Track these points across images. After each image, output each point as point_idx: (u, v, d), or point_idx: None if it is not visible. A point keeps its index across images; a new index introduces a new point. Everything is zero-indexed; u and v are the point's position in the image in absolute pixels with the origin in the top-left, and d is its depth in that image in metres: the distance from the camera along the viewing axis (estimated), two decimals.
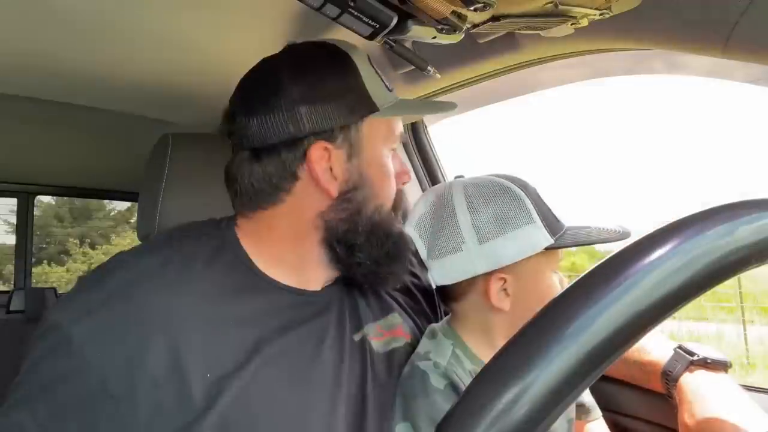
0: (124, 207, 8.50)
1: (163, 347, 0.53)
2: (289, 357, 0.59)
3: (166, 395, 0.51)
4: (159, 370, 0.52)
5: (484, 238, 0.64)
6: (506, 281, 0.65)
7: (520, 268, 0.65)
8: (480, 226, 0.64)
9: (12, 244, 2.18)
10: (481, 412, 0.27)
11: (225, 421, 0.52)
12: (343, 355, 0.64)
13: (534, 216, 0.64)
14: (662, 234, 0.30)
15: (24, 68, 0.88)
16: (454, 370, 0.63)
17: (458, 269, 0.65)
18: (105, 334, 0.52)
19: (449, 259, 0.66)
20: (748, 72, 0.71)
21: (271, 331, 0.59)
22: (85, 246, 9.13)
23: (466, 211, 0.65)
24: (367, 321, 0.70)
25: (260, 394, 0.55)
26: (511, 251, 0.63)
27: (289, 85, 0.62)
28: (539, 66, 0.91)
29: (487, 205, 0.65)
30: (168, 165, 0.86)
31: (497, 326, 0.67)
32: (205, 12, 0.76)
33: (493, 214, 0.64)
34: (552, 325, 0.29)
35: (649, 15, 0.63)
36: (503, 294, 0.65)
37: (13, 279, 2.05)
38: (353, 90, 0.64)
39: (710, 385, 0.64)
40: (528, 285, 0.65)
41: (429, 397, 0.61)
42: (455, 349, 0.66)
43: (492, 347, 0.67)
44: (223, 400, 0.52)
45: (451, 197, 0.68)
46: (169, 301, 0.56)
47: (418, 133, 1.25)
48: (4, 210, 4.92)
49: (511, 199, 0.65)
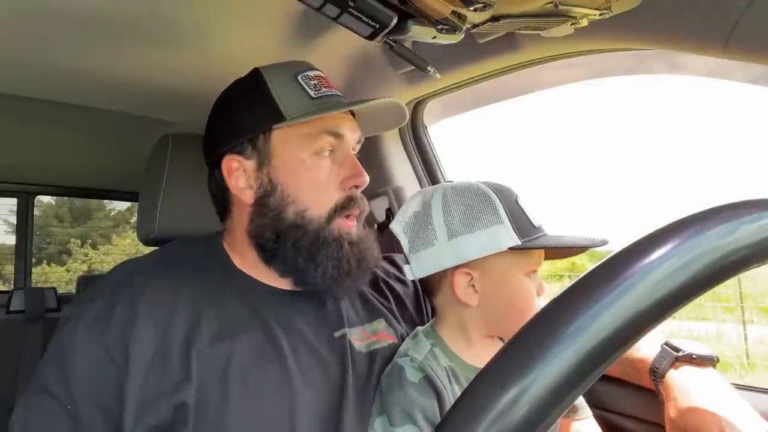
0: (124, 207, 8.49)
1: (151, 327, 0.61)
2: (263, 344, 0.65)
3: (154, 364, 0.59)
4: (147, 344, 0.60)
5: (453, 234, 0.68)
6: (472, 277, 0.69)
7: (487, 265, 0.68)
8: (450, 222, 0.69)
9: (12, 244, 2.18)
10: (480, 413, 0.27)
11: (200, 393, 0.59)
12: (320, 348, 0.68)
13: (503, 217, 0.67)
14: (662, 234, 0.30)
15: (24, 68, 0.88)
16: (429, 364, 0.67)
17: (430, 263, 0.70)
18: (105, 315, 0.62)
19: (423, 254, 0.70)
20: (748, 72, 0.71)
21: (247, 318, 0.66)
22: (86, 246, 9.12)
23: (440, 209, 0.70)
24: (353, 324, 0.74)
25: (233, 371, 0.61)
26: (475, 247, 0.67)
27: (215, 110, 0.75)
28: (539, 66, 0.91)
29: (459, 204, 0.69)
30: (168, 165, 0.86)
31: (470, 322, 0.71)
32: (206, 12, 0.76)
33: (463, 212, 0.69)
34: (552, 325, 0.29)
35: (649, 15, 0.63)
36: (471, 290, 0.69)
37: (13, 279, 2.05)
38: (260, 103, 0.70)
39: (695, 380, 0.64)
40: (495, 283, 0.69)
41: (403, 389, 0.64)
42: (433, 348, 0.69)
43: (468, 342, 0.71)
44: (200, 374, 0.60)
45: (431, 198, 0.72)
46: (162, 290, 0.65)
47: (418, 133, 1.25)
48: (4, 210, 4.93)
49: (482, 201, 0.69)
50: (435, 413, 0.63)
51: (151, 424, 0.57)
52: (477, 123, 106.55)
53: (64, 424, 0.58)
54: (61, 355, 0.61)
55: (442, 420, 0.29)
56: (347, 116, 0.74)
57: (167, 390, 0.58)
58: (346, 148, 0.72)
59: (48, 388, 0.59)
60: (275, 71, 0.72)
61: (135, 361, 0.59)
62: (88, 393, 0.59)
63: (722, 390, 0.63)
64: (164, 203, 0.85)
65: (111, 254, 8.69)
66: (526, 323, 0.31)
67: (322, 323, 0.71)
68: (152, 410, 0.58)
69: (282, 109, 0.69)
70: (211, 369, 0.61)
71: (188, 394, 0.58)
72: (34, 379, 0.61)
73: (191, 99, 0.98)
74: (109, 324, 0.61)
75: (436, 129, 1.28)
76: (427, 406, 0.63)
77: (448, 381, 0.67)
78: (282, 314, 0.69)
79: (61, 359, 0.61)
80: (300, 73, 0.71)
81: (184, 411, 0.57)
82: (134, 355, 0.59)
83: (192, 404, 0.58)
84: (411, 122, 1.23)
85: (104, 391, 0.59)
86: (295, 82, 0.70)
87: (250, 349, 0.64)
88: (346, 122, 0.72)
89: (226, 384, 0.60)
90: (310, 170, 0.69)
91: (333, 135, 0.70)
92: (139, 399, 0.58)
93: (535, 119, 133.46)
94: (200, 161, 0.77)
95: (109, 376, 0.59)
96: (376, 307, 0.78)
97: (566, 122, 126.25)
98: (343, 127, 0.71)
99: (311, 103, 0.69)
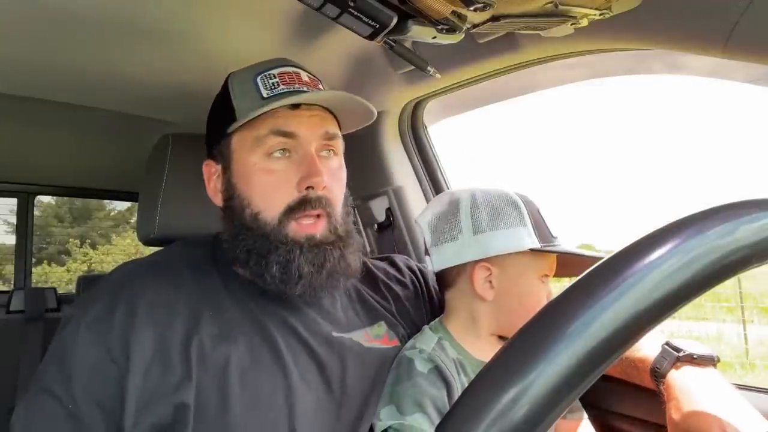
0: (124, 207, 8.49)
1: (151, 328, 0.62)
2: (260, 345, 0.65)
3: (154, 364, 0.60)
4: (147, 344, 0.61)
5: (479, 230, 0.72)
6: (491, 272, 0.72)
7: (507, 263, 0.72)
8: (477, 219, 0.72)
9: (12, 244, 2.18)
10: (481, 412, 0.27)
11: (200, 393, 0.59)
12: (317, 348, 0.68)
13: (526, 221, 0.72)
14: (662, 234, 0.30)
15: (24, 68, 0.88)
16: (437, 355, 0.69)
17: (452, 256, 0.74)
18: (106, 316, 0.62)
19: (446, 247, 0.74)
20: (749, 72, 0.71)
21: (244, 320, 0.66)
22: (86, 246, 9.12)
23: (469, 207, 0.73)
24: (355, 326, 0.74)
25: (232, 372, 0.61)
26: (498, 243, 0.71)
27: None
28: (539, 66, 0.91)
29: (487, 204, 0.73)
30: (168, 165, 0.86)
31: (482, 315, 0.73)
32: (206, 12, 0.76)
33: (490, 212, 0.72)
34: (552, 325, 0.29)
35: (649, 15, 0.63)
36: (488, 285, 0.72)
37: (13, 279, 2.05)
38: (222, 109, 0.72)
39: (697, 380, 0.64)
40: (511, 280, 0.72)
41: (412, 379, 0.66)
42: (441, 341, 0.72)
43: (477, 336, 0.74)
44: (200, 375, 0.60)
45: (460, 197, 0.76)
46: (161, 292, 0.65)
47: (418, 133, 1.25)
48: (4, 210, 4.93)
49: (509, 204, 0.73)
50: (444, 403, 0.64)
51: (151, 423, 0.57)
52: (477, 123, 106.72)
53: (65, 424, 0.58)
54: (62, 356, 0.61)
55: (442, 420, 0.29)
56: (304, 113, 0.69)
57: (167, 390, 0.59)
58: (304, 147, 0.68)
59: (49, 389, 0.60)
60: (240, 74, 0.73)
61: (135, 361, 0.59)
62: (89, 393, 0.59)
63: (723, 390, 0.63)
64: (164, 203, 0.85)
65: (111, 254, 8.69)
66: (526, 323, 0.31)
67: (319, 324, 0.71)
68: (152, 410, 0.58)
69: (236, 113, 0.69)
70: (210, 370, 0.61)
71: (188, 395, 0.58)
72: (35, 380, 0.62)
73: (191, 99, 0.98)
74: (110, 325, 0.61)
75: (436, 129, 1.28)
76: (437, 396, 0.64)
77: (456, 372, 0.68)
78: (278, 316, 0.69)
79: (62, 360, 0.61)
80: (261, 74, 0.70)
81: (184, 411, 0.57)
82: (134, 355, 0.60)
83: (192, 405, 0.58)
84: (411, 122, 1.23)
85: (105, 391, 0.59)
86: (251, 83, 0.70)
87: (248, 350, 0.64)
88: (300, 119, 0.69)
89: (225, 385, 0.60)
90: (260, 173, 0.68)
91: (282, 134, 0.67)
92: (139, 398, 0.58)
93: (534, 119, 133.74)
94: (200, 161, 0.77)
95: (110, 375, 0.59)
96: (376, 310, 0.78)
97: (566, 122, 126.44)
98: (293, 125, 0.68)
99: (260, 103, 0.67)
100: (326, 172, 0.69)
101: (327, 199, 0.69)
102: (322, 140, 0.70)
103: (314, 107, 0.70)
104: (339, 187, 0.73)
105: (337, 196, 0.71)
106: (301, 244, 0.67)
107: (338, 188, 0.72)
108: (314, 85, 0.72)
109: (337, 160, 0.73)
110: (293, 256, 0.66)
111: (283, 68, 0.72)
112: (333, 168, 0.72)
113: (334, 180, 0.71)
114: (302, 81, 0.71)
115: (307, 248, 0.67)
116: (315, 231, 0.68)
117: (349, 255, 0.71)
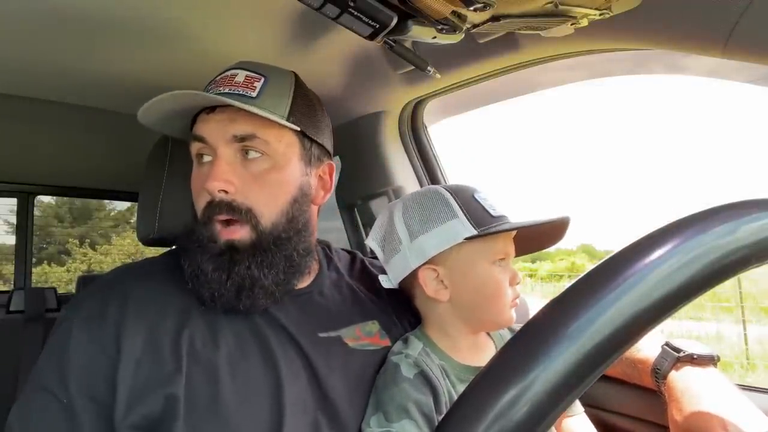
0: (124, 207, 8.49)
1: (142, 321, 0.63)
2: (250, 341, 0.66)
3: (145, 356, 0.61)
4: (138, 337, 0.62)
5: (414, 235, 0.72)
6: (438, 273, 0.71)
7: (450, 259, 0.71)
8: (410, 225, 0.73)
9: (12, 244, 2.18)
10: (481, 413, 0.27)
11: (190, 387, 0.60)
12: (306, 345, 0.68)
13: (457, 212, 0.71)
14: (662, 234, 0.30)
15: (24, 68, 0.88)
16: (423, 360, 0.68)
17: (401, 267, 0.74)
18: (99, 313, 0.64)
19: (395, 260, 0.74)
20: (749, 73, 0.71)
21: (233, 316, 0.66)
22: (86, 246, 9.12)
23: (401, 215, 0.74)
24: (345, 323, 0.73)
25: (222, 366, 0.62)
26: (434, 242, 0.70)
27: None
28: (539, 66, 0.91)
29: (417, 207, 0.73)
30: (168, 165, 0.86)
31: (445, 317, 0.73)
32: (206, 12, 0.76)
33: (420, 214, 0.73)
34: (552, 325, 0.29)
35: (649, 15, 0.63)
36: (440, 285, 0.72)
37: (13, 279, 2.05)
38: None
39: (698, 380, 0.64)
40: (460, 274, 0.71)
41: (398, 385, 0.65)
42: (425, 348, 0.71)
43: (452, 339, 0.73)
44: (190, 368, 0.60)
45: (393, 207, 0.76)
46: (153, 289, 0.67)
47: (418, 133, 1.25)
48: (4, 210, 4.92)
49: (437, 200, 0.73)
50: (430, 408, 0.64)
51: (142, 414, 0.58)
52: (477, 123, 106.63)
53: (60, 418, 0.59)
54: (57, 354, 0.62)
55: (442, 420, 0.29)
56: (214, 117, 0.67)
57: (158, 382, 0.59)
58: (213, 151, 0.67)
59: (45, 386, 0.61)
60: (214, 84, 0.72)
61: (127, 353, 0.61)
62: (83, 386, 0.60)
63: (725, 389, 0.63)
64: (164, 203, 0.85)
65: (111, 254, 8.69)
66: (526, 323, 0.31)
67: (308, 322, 0.71)
68: (143, 401, 0.59)
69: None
70: (200, 364, 0.62)
71: (178, 387, 0.59)
72: (31, 378, 0.63)
73: None
74: (103, 321, 0.63)
75: (436, 129, 1.28)
76: (423, 401, 0.64)
77: (442, 377, 0.68)
78: (267, 313, 0.69)
79: (58, 357, 0.62)
80: (212, 80, 0.71)
81: (175, 403, 0.58)
82: (126, 348, 0.61)
83: (182, 397, 0.59)
84: (411, 122, 1.23)
85: (98, 383, 0.60)
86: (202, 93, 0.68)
87: (237, 346, 0.65)
88: (209, 123, 0.67)
89: (215, 379, 0.61)
90: (193, 177, 0.71)
91: (197, 140, 0.68)
92: (130, 389, 0.59)
93: (534, 119, 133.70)
94: None
95: (102, 368, 0.60)
96: (370, 309, 0.78)
97: (566, 122, 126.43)
98: (203, 129, 0.67)
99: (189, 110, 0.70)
100: (236, 176, 0.65)
101: (237, 204, 0.65)
102: (232, 143, 0.66)
103: (227, 109, 0.66)
104: (263, 193, 0.67)
105: (257, 201, 0.66)
106: (211, 247, 0.66)
107: (261, 193, 0.67)
108: (247, 85, 0.68)
109: (266, 162, 0.67)
110: (201, 259, 0.66)
111: (230, 71, 0.71)
112: (254, 171, 0.67)
113: (255, 184, 0.66)
114: (233, 83, 0.68)
115: (219, 253, 0.65)
116: (229, 236, 0.66)
117: (271, 264, 0.67)
